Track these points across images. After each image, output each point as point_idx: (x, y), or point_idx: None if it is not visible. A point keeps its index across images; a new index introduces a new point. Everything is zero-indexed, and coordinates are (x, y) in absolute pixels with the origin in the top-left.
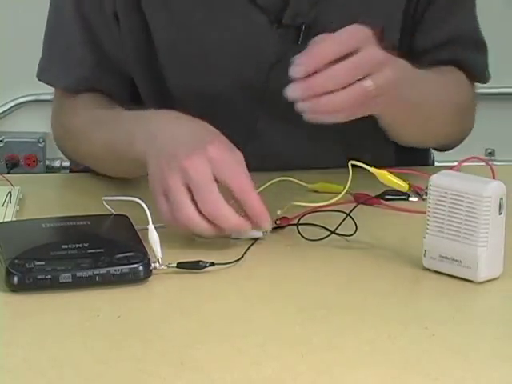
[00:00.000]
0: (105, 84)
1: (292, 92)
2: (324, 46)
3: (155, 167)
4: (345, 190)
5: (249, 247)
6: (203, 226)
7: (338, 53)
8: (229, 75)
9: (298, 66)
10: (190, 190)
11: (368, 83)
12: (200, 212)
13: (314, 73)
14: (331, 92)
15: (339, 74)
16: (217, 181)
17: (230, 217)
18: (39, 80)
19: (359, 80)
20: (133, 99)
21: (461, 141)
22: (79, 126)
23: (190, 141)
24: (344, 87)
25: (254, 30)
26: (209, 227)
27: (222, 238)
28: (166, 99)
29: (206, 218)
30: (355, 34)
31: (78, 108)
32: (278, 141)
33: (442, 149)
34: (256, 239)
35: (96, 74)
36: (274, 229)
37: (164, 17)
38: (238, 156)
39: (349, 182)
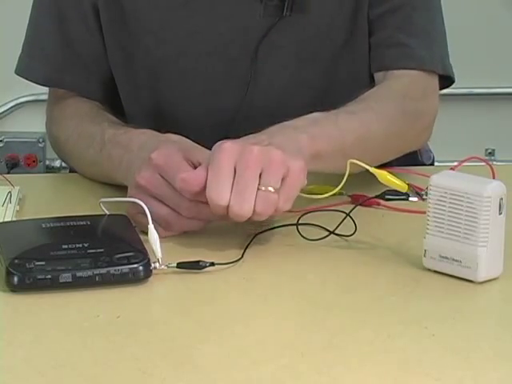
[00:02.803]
0: (74, 78)
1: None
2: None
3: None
4: (341, 185)
5: (248, 245)
6: (186, 223)
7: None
8: (215, 57)
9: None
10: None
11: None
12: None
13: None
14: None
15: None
16: None
17: (199, 207)
18: (16, 73)
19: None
20: (107, 97)
21: (422, 143)
22: (65, 140)
23: (140, 157)
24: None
25: (239, 6)
26: (193, 222)
27: (222, 238)
28: (146, 94)
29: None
30: (229, 158)
31: (65, 119)
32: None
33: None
34: (254, 236)
35: (64, 67)
36: (275, 228)
37: (148, 3)
38: (184, 148)
39: (345, 178)
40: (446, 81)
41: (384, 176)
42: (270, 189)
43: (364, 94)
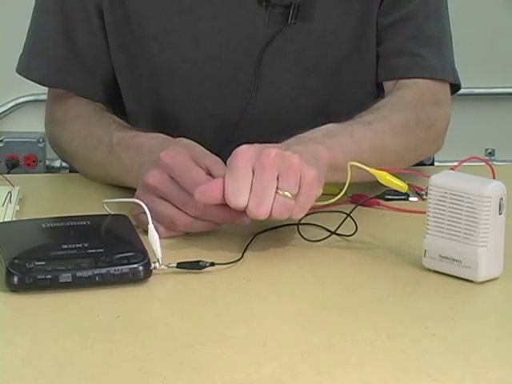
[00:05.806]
0: (76, 79)
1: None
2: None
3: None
4: (345, 189)
5: (248, 245)
6: (192, 223)
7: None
8: (219, 63)
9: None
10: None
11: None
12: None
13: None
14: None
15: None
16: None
17: (206, 206)
18: (17, 72)
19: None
20: (109, 98)
21: (432, 152)
22: (70, 141)
23: (151, 160)
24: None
25: (244, 13)
26: (198, 222)
27: (222, 238)
28: (148, 96)
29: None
30: (247, 160)
31: (69, 120)
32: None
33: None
34: (254, 236)
35: (67, 68)
36: (275, 228)
37: (153, 8)
38: (194, 152)
39: (347, 181)
40: (453, 87)
41: (384, 176)
42: (288, 194)
43: (377, 104)
